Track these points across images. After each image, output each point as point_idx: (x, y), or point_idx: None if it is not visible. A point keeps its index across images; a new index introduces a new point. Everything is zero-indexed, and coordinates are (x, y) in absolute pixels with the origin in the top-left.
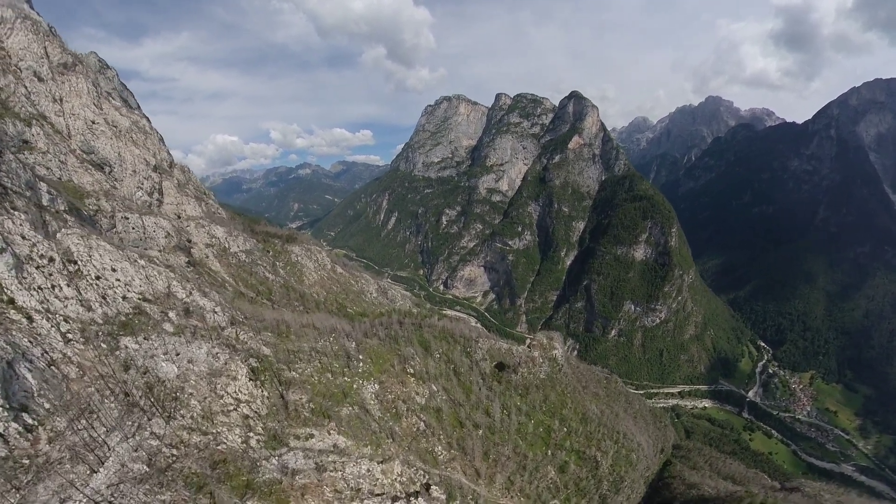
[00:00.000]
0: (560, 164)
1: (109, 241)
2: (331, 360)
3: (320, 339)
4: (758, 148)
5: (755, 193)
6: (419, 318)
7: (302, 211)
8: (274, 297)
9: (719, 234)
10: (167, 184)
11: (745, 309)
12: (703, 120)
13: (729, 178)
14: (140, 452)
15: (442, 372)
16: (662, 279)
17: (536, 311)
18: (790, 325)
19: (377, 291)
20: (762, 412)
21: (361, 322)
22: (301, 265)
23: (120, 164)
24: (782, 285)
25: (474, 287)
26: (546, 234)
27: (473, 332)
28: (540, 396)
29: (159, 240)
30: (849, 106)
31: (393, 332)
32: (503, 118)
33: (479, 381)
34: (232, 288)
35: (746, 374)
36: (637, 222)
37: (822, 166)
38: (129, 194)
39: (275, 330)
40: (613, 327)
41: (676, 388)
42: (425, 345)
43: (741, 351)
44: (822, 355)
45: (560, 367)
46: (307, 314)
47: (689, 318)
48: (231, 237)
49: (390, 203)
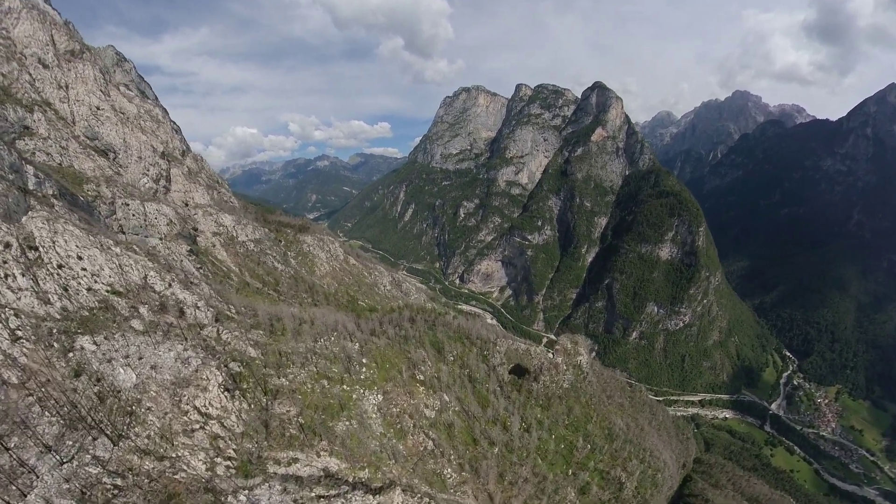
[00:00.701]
0: (582, 156)
1: (80, 226)
2: (329, 364)
3: (320, 338)
4: (788, 146)
5: (785, 193)
6: (433, 316)
7: (319, 202)
8: (281, 288)
9: (746, 235)
10: (175, 171)
11: (772, 315)
12: (730, 115)
13: (757, 176)
14: (73, 483)
15: (456, 378)
16: (688, 280)
17: (554, 308)
18: (818, 335)
19: (391, 284)
20: (785, 426)
21: (369, 319)
22: (313, 255)
23: (125, 151)
24: (811, 292)
25: (491, 282)
26: (567, 229)
27: (491, 334)
28: (563, 409)
29: (161, 227)
30: (887, 103)
31: (403, 331)
32: (523, 109)
33: (497, 389)
34: (237, 278)
35: (770, 384)
36: (663, 219)
37: (857, 167)
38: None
39: (267, 327)
40: (634, 329)
41: (697, 397)
42: (438, 346)
43: (766, 360)
44: (850, 369)
45: (584, 376)
46: (311, 308)
47: (714, 322)
48: (240, 226)
49: (407, 195)
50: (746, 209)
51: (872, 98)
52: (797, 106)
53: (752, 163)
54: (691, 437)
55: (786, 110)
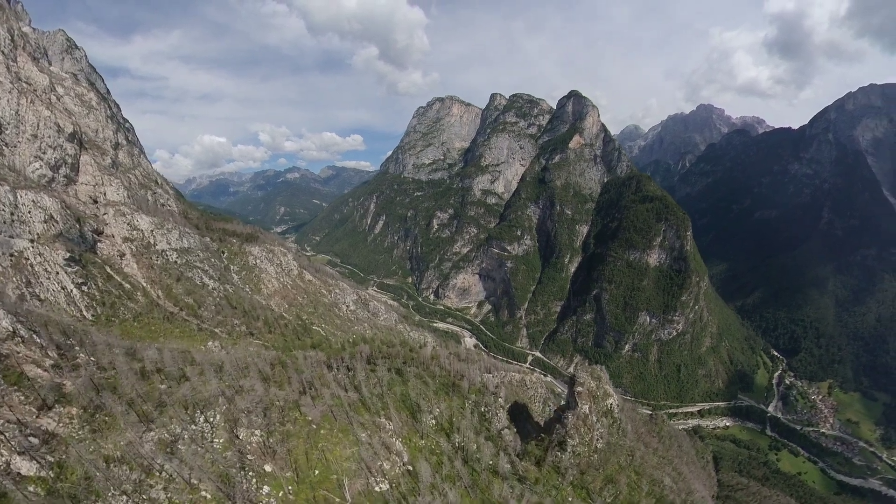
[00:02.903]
0: (561, 164)
1: None
2: (193, 479)
3: (200, 409)
4: (755, 153)
5: (755, 198)
6: (404, 353)
7: (288, 215)
8: (204, 313)
9: (720, 240)
10: (87, 159)
11: (755, 317)
12: (696, 127)
13: (727, 183)
14: None
15: (441, 462)
16: (679, 287)
17: (539, 323)
18: (803, 332)
19: (355, 303)
20: (786, 428)
21: (308, 359)
22: (259, 270)
23: (16, 126)
24: (792, 291)
25: (468, 297)
26: (547, 238)
27: (490, 378)
28: (601, 481)
29: (34, 224)
30: (845, 111)
31: (355, 380)
32: (498, 118)
33: (506, 467)
34: (144, 298)
35: (764, 386)
36: (650, 224)
37: (822, 170)
38: (22, 163)
39: (89, 410)
40: (627, 341)
41: (696, 407)
42: (412, 405)
43: (756, 362)
44: (838, 363)
45: (618, 425)
46: (235, 343)
47: (706, 328)
48: (161, 231)
49: (378, 206)
50: (719, 215)
51: (832, 106)
52: (757, 118)
53: (721, 170)
54: (710, 461)
55: (747, 122)
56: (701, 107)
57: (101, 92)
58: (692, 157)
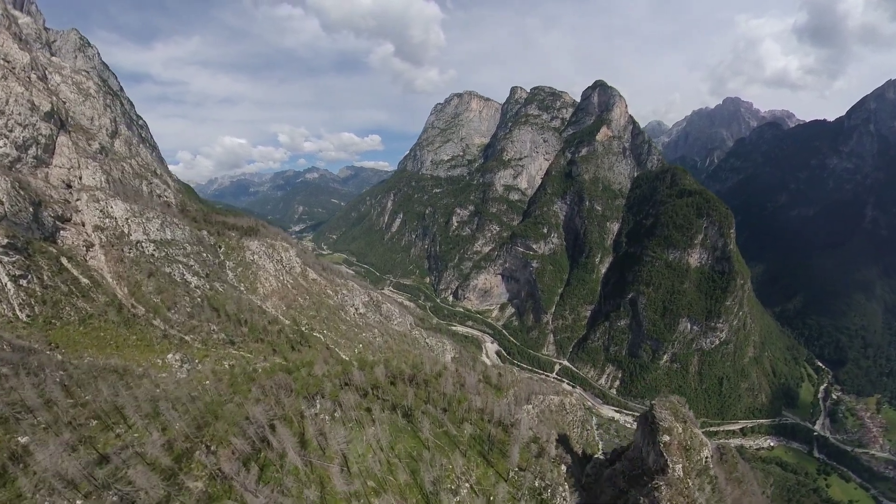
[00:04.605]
0: (588, 157)
1: None
2: None
3: None
4: (789, 147)
5: (792, 195)
6: (418, 376)
7: (306, 214)
8: (176, 315)
9: (755, 240)
10: (64, 140)
11: (796, 324)
12: (722, 122)
13: (760, 179)
14: None
15: None
16: (723, 290)
17: (566, 329)
18: (849, 341)
19: (366, 305)
20: (835, 450)
21: (271, 390)
22: (257, 267)
23: None
24: (835, 296)
25: (490, 298)
26: (575, 236)
27: (546, 431)
28: None
29: None
30: (886, 100)
31: (338, 432)
32: (520, 111)
33: None
34: (105, 296)
35: (809, 402)
36: (691, 221)
37: (864, 164)
38: None
39: None
40: (665, 351)
41: (738, 425)
42: (425, 492)
43: (800, 374)
44: (887, 375)
45: (713, 483)
46: (168, 359)
47: (749, 337)
48: (139, 219)
49: (395, 204)
50: (753, 213)
51: (871, 95)
52: (787, 111)
53: (753, 166)
54: (769, 495)
55: (777, 115)
56: (727, 100)
57: (114, 89)
58: (720, 152)
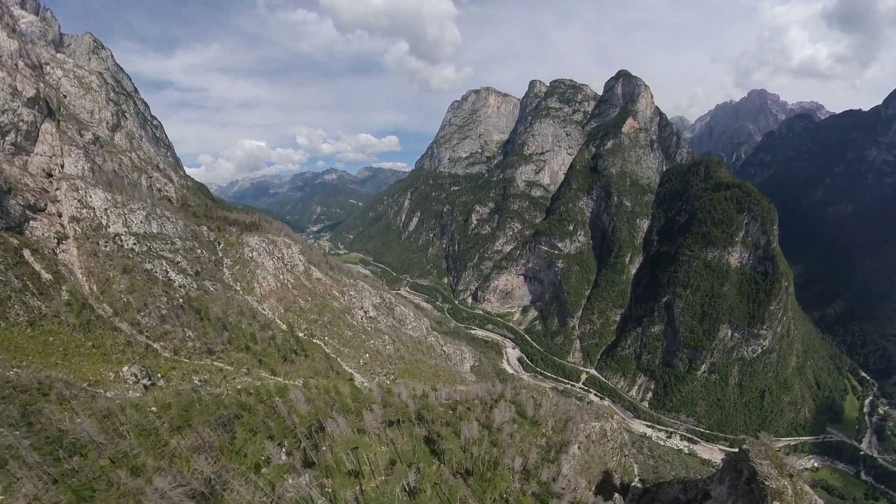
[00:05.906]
0: (614, 150)
1: None
2: None
3: None
4: (823, 139)
5: (828, 190)
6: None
7: (324, 214)
8: (147, 319)
9: (789, 240)
10: (48, 128)
11: (838, 330)
12: (748, 115)
13: (792, 174)
14: None
15: None
16: (767, 293)
17: (594, 335)
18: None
19: (377, 308)
20: (884, 472)
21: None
22: (255, 264)
23: None
24: (880, 300)
25: (511, 301)
26: (603, 234)
27: None
28: None
29: None
30: None
31: None
32: (540, 104)
33: None
34: (68, 294)
35: (854, 417)
36: (731, 217)
37: None
38: None
39: None
40: (704, 360)
41: (780, 442)
42: None
43: (843, 386)
44: None
45: None
46: (122, 372)
47: (792, 345)
48: (120, 210)
49: (412, 202)
50: (786, 210)
51: None
52: (816, 103)
53: (783, 160)
54: None
55: (805, 107)
56: (753, 93)
57: (128, 90)
58: (748, 147)
